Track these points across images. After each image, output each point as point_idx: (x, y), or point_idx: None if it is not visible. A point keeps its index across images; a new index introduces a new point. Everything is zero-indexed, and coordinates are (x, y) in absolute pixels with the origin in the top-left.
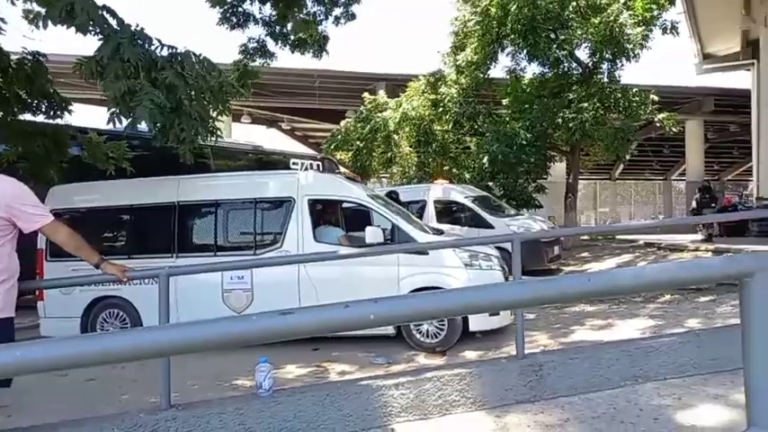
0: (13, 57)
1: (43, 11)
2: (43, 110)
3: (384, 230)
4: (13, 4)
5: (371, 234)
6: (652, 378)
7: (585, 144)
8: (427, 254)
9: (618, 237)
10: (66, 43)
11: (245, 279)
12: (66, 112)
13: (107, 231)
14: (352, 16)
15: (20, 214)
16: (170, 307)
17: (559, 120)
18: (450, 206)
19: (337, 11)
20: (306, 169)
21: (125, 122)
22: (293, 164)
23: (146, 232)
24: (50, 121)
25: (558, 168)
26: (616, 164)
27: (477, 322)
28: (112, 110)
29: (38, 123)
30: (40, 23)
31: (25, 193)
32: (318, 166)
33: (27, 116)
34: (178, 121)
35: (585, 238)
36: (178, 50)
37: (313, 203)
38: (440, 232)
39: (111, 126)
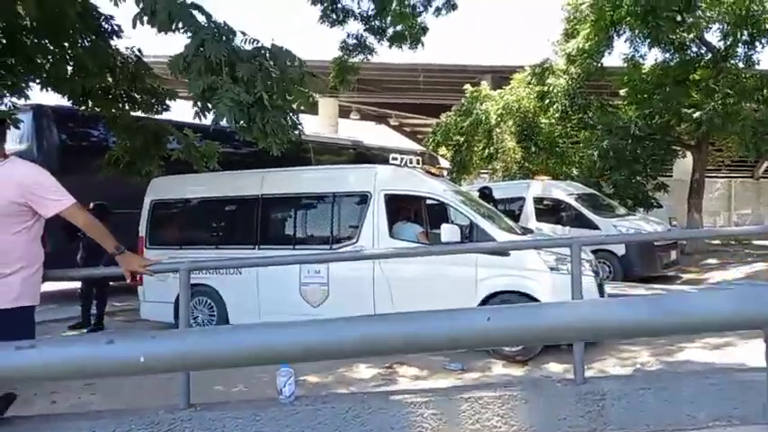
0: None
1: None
2: (147, 106)
3: (462, 228)
4: (116, 5)
5: (447, 232)
6: (752, 421)
7: (716, 138)
8: (508, 255)
9: (756, 242)
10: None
11: (322, 274)
12: (167, 107)
13: (200, 222)
14: (453, 6)
15: (37, 200)
16: (255, 295)
17: (684, 110)
18: (552, 204)
19: (438, 1)
20: (405, 165)
21: (209, 117)
22: (392, 159)
23: (233, 224)
24: (155, 117)
25: (687, 165)
26: (760, 161)
27: None
28: (196, 107)
29: (142, 119)
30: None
31: (43, 178)
32: (418, 161)
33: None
34: (261, 115)
35: (717, 242)
36: (261, 44)
37: (390, 198)
38: (529, 232)
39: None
